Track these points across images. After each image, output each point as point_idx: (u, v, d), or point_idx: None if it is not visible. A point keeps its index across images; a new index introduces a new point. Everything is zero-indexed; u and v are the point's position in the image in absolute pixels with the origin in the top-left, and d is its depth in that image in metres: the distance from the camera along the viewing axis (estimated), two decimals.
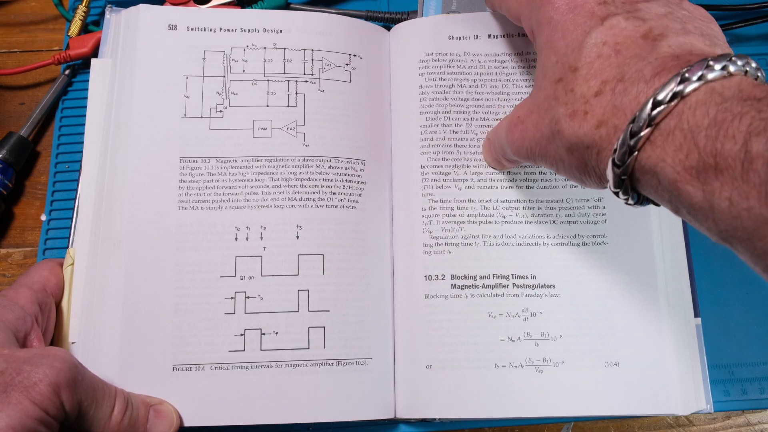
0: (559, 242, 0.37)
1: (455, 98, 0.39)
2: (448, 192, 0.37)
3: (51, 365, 0.28)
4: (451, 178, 0.38)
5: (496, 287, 0.36)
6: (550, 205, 0.37)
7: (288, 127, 0.38)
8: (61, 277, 0.35)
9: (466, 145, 0.38)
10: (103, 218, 0.36)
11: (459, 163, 0.38)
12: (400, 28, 0.41)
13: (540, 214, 0.37)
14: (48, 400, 0.27)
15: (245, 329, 0.35)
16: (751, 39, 0.46)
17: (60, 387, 0.28)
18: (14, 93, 0.46)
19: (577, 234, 0.37)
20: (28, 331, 0.31)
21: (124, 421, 0.31)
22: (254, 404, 0.34)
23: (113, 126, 0.37)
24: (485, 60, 0.40)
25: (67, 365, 0.29)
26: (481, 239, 0.37)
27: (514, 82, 0.39)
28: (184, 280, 0.35)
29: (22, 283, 0.33)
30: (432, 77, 0.39)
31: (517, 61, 0.40)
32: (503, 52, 0.40)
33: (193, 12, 0.40)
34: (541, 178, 0.38)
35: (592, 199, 0.37)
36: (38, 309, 0.32)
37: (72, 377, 0.29)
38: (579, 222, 0.37)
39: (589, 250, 0.37)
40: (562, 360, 0.35)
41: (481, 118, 0.38)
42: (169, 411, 0.33)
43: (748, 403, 0.38)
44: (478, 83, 0.39)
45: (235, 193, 0.36)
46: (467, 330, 0.36)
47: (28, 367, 0.28)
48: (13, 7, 0.48)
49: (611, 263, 0.37)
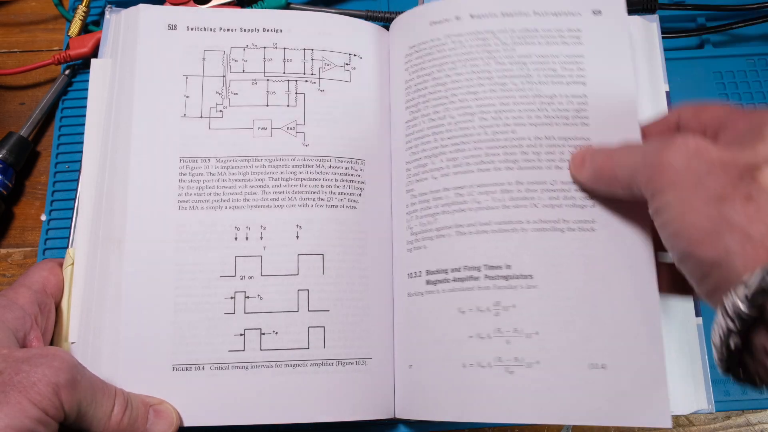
0: (539, 227, 0.34)
1: (434, 84, 0.38)
2: (425, 184, 0.36)
3: (50, 365, 0.28)
4: (428, 168, 0.36)
5: (467, 280, 0.34)
6: (531, 188, 0.34)
7: (288, 126, 0.38)
8: (60, 278, 0.35)
9: (443, 131, 0.36)
10: (103, 218, 0.36)
11: (435, 151, 0.36)
12: (393, 25, 0.41)
13: (519, 197, 0.34)
14: (47, 400, 0.27)
15: (245, 329, 0.35)
16: (751, 39, 0.46)
17: (59, 387, 0.28)
18: (14, 93, 0.46)
19: (561, 219, 0.34)
20: (28, 331, 0.31)
21: (124, 421, 0.31)
22: (254, 404, 0.34)
23: (113, 126, 0.37)
24: (466, 40, 0.38)
25: (66, 365, 0.29)
26: (453, 229, 0.35)
27: (496, 59, 0.37)
28: (184, 279, 0.35)
29: (22, 283, 0.33)
30: (414, 69, 0.39)
31: (499, 36, 0.38)
32: (486, 29, 0.38)
33: (193, 12, 0.40)
34: (522, 159, 0.35)
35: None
36: (38, 309, 0.32)
37: (71, 377, 0.28)
38: (564, 206, 0.34)
39: (574, 237, 0.34)
40: (536, 360, 0.32)
41: (459, 99, 0.37)
42: (169, 411, 0.33)
43: (748, 403, 0.38)
44: (457, 64, 0.37)
45: (234, 193, 0.36)
46: (438, 328, 0.34)
47: (27, 367, 0.28)
48: (13, 7, 0.48)
49: (599, 252, 0.34)
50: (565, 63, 0.37)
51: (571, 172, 0.35)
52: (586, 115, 0.36)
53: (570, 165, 0.35)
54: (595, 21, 0.38)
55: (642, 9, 0.42)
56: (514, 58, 0.37)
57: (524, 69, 0.37)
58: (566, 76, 0.37)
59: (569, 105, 0.36)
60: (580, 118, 0.36)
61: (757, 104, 0.44)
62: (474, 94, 0.37)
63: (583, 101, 0.36)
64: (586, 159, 0.34)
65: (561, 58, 0.37)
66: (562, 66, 0.37)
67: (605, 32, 0.38)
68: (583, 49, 0.37)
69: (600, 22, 0.38)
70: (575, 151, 0.35)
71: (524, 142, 0.35)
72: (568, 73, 0.37)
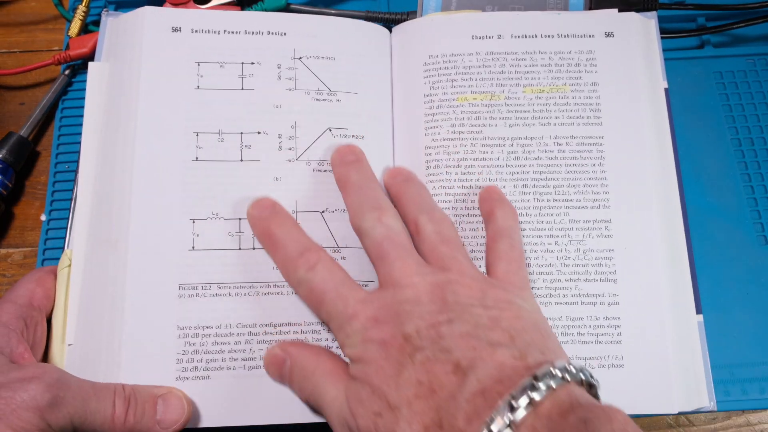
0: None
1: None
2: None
3: (27, 389, 0.28)
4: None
5: None
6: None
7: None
8: (49, 288, 0.34)
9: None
10: (103, 220, 0.36)
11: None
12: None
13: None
14: (31, 425, 0.27)
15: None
16: (752, 39, 0.46)
17: (41, 410, 0.27)
18: (14, 93, 0.46)
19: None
20: (14, 346, 0.31)
21: (129, 419, 0.30)
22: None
23: (113, 128, 0.37)
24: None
25: (45, 385, 0.28)
26: None
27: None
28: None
29: (7, 298, 0.33)
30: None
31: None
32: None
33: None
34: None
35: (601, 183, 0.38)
36: (23, 324, 0.32)
37: (53, 396, 0.28)
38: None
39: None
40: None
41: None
42: (179, 398, 0.32)
43: (749, 403, 0.37)
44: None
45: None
46: None
47: (6, 393, 0.28)
48: (13, 7, 0.48)
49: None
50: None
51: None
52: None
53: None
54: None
55: (642, 8, 0.42)
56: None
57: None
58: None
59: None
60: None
61: (757, 104, 0.44)
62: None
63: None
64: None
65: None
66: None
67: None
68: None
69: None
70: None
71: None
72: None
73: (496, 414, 0.24)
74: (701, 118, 0.44)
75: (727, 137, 0.43)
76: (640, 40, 0.40)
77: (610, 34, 0.40)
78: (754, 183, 0.42)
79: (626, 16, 0.41)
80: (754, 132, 0.43)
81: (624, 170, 0.38)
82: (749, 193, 0.42)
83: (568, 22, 0.41)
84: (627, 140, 0.38)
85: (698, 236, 0.40)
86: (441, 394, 0.26)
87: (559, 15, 0.41)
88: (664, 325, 0.35)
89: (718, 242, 0.40)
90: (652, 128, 0.39)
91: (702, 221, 0.41)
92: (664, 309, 0.36)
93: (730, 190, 0.42)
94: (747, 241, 0.41)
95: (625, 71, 0.39)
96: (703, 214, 0.41)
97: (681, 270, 0.37)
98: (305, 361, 0.31)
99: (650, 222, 0.37)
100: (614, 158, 0.38)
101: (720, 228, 0.41)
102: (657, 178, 0.38)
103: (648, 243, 0.37)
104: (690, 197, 0.40)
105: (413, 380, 0.27)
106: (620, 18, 0.41)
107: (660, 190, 0.38)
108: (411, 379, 0.27)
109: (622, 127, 0.38)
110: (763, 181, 0.42)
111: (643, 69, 0.40)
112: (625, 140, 0.38)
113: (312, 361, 0.31)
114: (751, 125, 0.43)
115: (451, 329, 0.28)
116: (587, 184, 0.37)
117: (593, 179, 0.38)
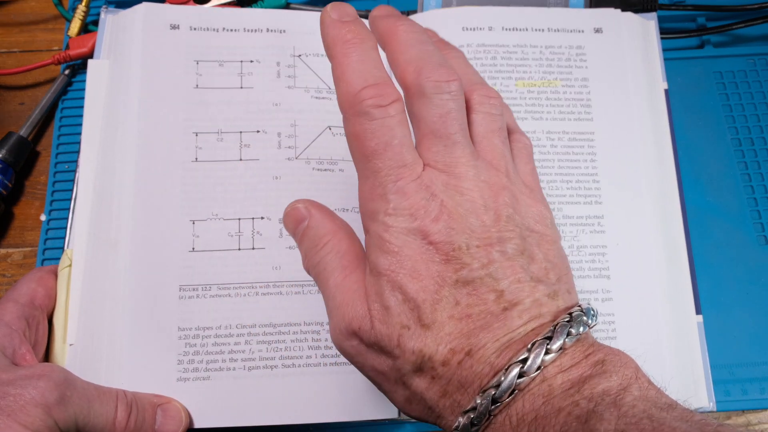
0: None
1: None
2: None
3: (36, 386, 0.28)
4: None
5: None
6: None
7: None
8: (50, 287, 0.34)
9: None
10: (103, 219, 0.36)
11: None
12: None
13: None
14: (39, 422, 0.27)
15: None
16: (752, 39, 0.46)
17: (50, 407, 0.27)
18: (14, 93, 0.45)
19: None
20: (16, 346, 0.31)
21: (130, 425, 0.30)
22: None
23: (113, 127, 0.37)
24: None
25: (53, 383, 0.28)
26: None
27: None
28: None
29: (9, 297, 0.33)
30: None
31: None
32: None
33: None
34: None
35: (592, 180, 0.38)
36: (25, 323, 0.32)
37: (60, 395, 0.28)
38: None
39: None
40: None
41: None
42: (177, 410, 0.32)
43: (749, 403, 0.37)
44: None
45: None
46: None
47: (14, 390, 0.28)
48: (13, 7, 0.48)
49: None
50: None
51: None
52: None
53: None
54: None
55: (642, 9, 0.42)
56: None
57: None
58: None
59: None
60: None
61: (757, 104, 0.44)
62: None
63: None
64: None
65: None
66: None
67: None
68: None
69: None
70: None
71: None
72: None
73: (529, 353, 0.24)
74: (701, 118, 0.44)
75: (727, 137, 0.43)
76: (634, 39, 0.40)
77: (599, 30, 0.40)
78: (754, 183, 0.42)
79: (617, 13, 0.41)
80: (754, 132, 0.43)
81: (615, 167, 0.38)
82: (749, 193, 0.42)
83: (557, 17, 0.41)
84: (618, 137, 0.38)
85: (698, 236, 0.40)
86: (477, 322, 0.25)
87: (549, 10, 0.41)
88: (659, 322, 0.35)
89: (718, 242, 0.40)
90: (646, 127, 0.39)
91: (702, 221, 0.41)
92: (659, 305, 0.36)
93: (730, 190, 0.42)
94: (747, 241, 0.41)
95: (615, 68, 0.40)
96: (703, 214, 0.41)
97: (680, 270, 0.37)
98: (321, 229, 0.28)
99: (643, 219, 0.37)
100: (605, 155, 0.38)
101: (720, 228, 0.41)
102: (651, 176, 0.38)
103: (641, 240, 0.36)
104: (690, 197, 0.40)
105: (451, 300, 0.25)
106: (609, 14, 0.41)
107: (655, 189, 0.38)
108: (450, 298, 0.25)
109: (613, 124, 0.39)
110: (763, 181, 0.42)
111: (635, 66, 0.40)
112: (615, 137, 0.38)
113: (328, 232, 0.28)
114: (751, 125, 0.43)
115: (502, 253, 0.25)
116: (579, 179, 0.38)
117: (585, 175, 0.38)
